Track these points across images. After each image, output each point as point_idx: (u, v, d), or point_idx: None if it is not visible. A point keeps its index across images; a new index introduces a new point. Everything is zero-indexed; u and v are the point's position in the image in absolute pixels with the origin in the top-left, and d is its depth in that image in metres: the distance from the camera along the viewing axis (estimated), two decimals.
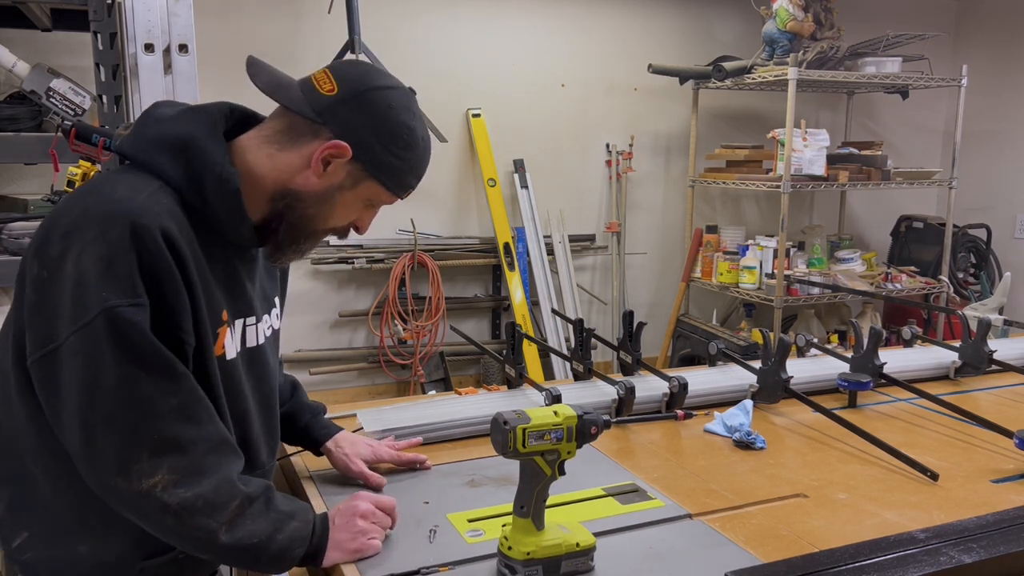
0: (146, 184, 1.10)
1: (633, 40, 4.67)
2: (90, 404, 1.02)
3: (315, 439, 1.48)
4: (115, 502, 1.07)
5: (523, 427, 1.08)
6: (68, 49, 3.35)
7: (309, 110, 1.15)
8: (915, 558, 1.16)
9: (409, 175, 1.22)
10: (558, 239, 4.55)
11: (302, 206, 1.18)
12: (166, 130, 1.14)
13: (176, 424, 1.05)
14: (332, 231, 1.24)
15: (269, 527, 1.11)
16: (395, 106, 1.17)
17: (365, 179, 1.18)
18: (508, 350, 1.85)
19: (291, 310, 4.13)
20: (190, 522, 1.05)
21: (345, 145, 1.14)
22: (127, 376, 1.02)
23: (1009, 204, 5.09)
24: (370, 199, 1.21)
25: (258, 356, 1.27)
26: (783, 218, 4.04)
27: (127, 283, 1.02)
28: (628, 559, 1.18)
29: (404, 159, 1.18)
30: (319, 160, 1.15)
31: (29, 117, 2.41)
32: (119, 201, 1.06)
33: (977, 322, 2.15)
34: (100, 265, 1.02)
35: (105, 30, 2.09)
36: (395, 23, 4.16)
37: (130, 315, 1.02)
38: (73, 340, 1.02)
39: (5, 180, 3.45)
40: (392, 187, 1.21)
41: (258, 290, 1.28)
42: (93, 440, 1.03)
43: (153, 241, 1.04)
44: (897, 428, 1.76)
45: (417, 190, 1.27)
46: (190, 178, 1.11)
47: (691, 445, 1.65)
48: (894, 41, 4.22)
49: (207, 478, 1.07)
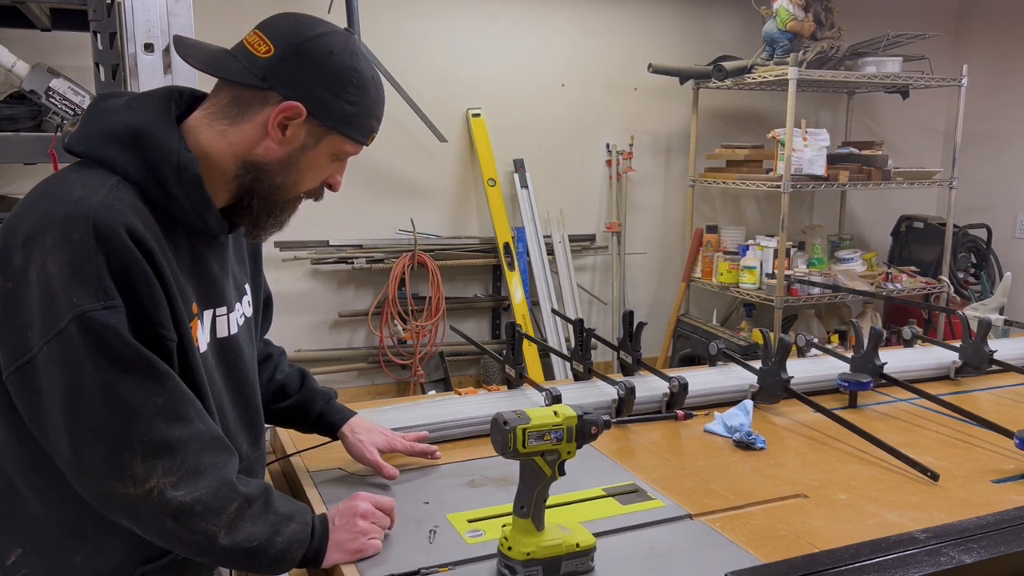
0: (103, 180, 1.05)
1: (633, 40, 4.67)
2: (74, 414, 0.99)
3: (331, 424, 1.47)
4: (110, 509, 1.05)
5: (523, 427, 1.08)
6: (68, 49, 3.35)
7: (252, 77, 1.10)
8: (915, 558, 1.16)
9: (368, 118, 1.18)
10: (558, 239, 4.55)
11: (269, 176, 1.15)
12: (113, 122, 1.09)
13: (163, 425, 1.03)
14: (306, 195, 1.21)
15: (268, 530, 1.10)
16: (336, 51, 1.12)
17: (326, 134, 1.15)
18: (508, 350, 1.85)
19: (291, 310, 4.13)
20: (189, 525, 1.04)
21: (297, 105, 1.10)
22: (108, 381, 0.99)
23: (1009, 204, 5.09)
24: (335, 153, 1.18)
25: (230, 345, 1.24)
26: (783, 218, 4.03)
27: (96, 286, 0.99)
28: (628, 559, 1.18)
29: (359, 104, 1.15)
30: (275, 126, 1.11)
31: (28, 117, 2.40)
32: (77, 202, 1.01)
33: (977, 322, 2.15)
34: (66, 271, 0.98)
35: (105, 30, 2.09)
36: (395, 23, 4.16)
37: (103, 318, 0.99)
38: (47, 350, 0.98)
39: (4, 180, 3.45)
40: (355, 135, 1.17)
41: (229, 278, 1.25)
42: (81, 449, 1.00)
43: (119, 240, 1.00)
44: (897, 428, 1.76)
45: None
46: (147, 170, 1.07)
47: (691, 445, 1.65)
48: (894, 41, 4.22)
49: (205, 478, 1.05)
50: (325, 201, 1.28)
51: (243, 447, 1.26)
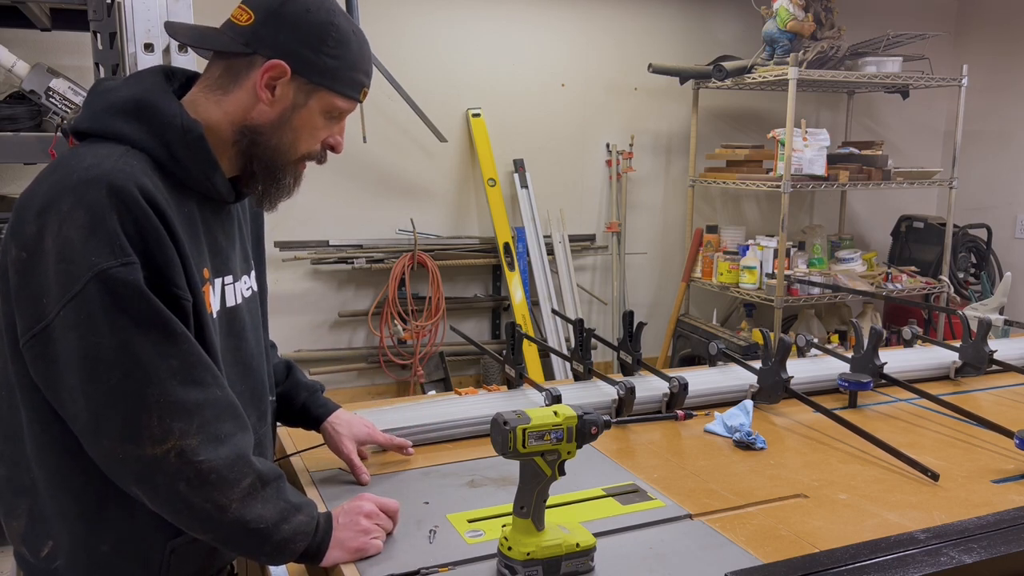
0: (112, 150, 1.08)
1: (633, 40, 4.67)
2: (90, 376, 1.01)
3: (314, 417, 1.47)
4: (124, 475, 1.05)
5: (523, 427, 1.08)
6: (68, 49, 3.35)
7: (237, 45, 1.14)
8: (916, 559, 1.16)
9: (354, 71, 1.19)
10: (558, 239, 4.55)
11: (265, 139, 1.17)
12: (115, 97, 1.13)
13: (179, 387, 1.04)
14: (307, 156, 1.22)
15: (276, 515, 1.10)
16: (312, 8, 1.15)
17: (314, 91, 1.17)
18: (508, 350, 1.85)
19: (291, 310, 4.13)
20: (201, 492, 1.04)
21: (280, 63, 1.13)
22: (124, 341, 1.01)
23: (1009, 204, 5.09)
24: (328, 110, 1.19)
25: (236, 316, 1.25)
26: (783, 218, 4.03)
27: (113, 244, 1.01)
28: (628, 559, 1.18)
29: (341, 57, 1.17)
30: (263, 87, 1.14)
31: (28, 117, 2.41)
32: (89, 168, 1.04)
33: (977, 322, 2.15)
34: (83, 232, 1.00)
35: (105, 30, 2.09)
36: (395, 23, 4.16)
37: (122, 275, 1.00)
38: (64, 315, 1.00)
39: (4, 180, 3.45)
40: (342, 89, 1.18)
41: (236, 249, 1.27)
42: (99, 412, 1.01)
43: (133, 199, 1.02)
44: (897, 428, 1.76)
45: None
46: (153, 136, 1.10)
47: (691, 445, 1.65)
48: (894, 41, 4.22)
49: (224, 447, 1.06)
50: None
51: (251, 421, 1.26)
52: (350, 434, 1.45)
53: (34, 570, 1.15)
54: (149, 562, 1.14)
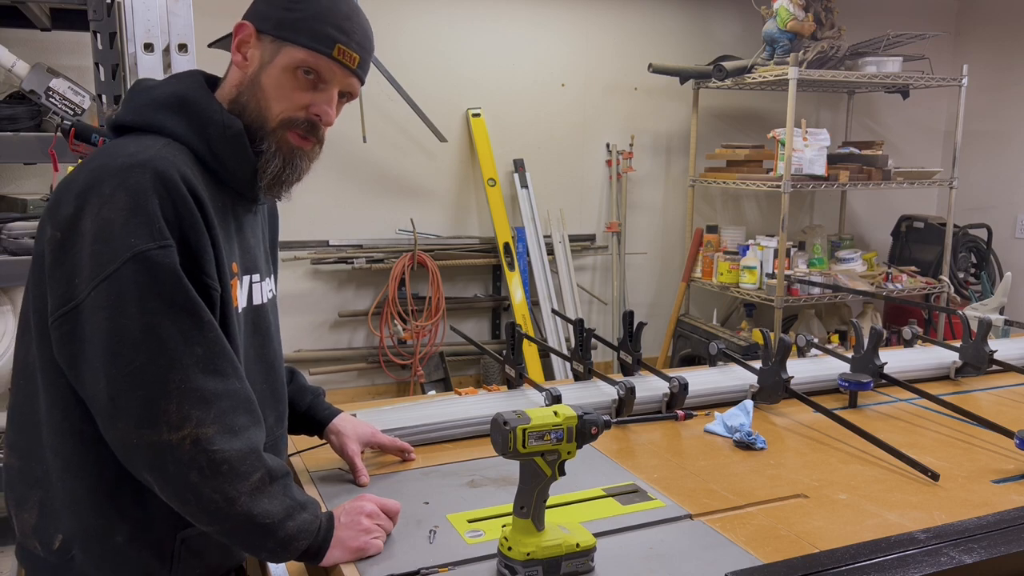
0: (153, 141, 1.10)
1: (633, 40, 4.67)
2: (114, 358, 1.01)
3: (319, 420, 1.47)
4: (136, 460, 1.05)
5: (523, 427, 1.08)
6: (68, 49, 3.35)
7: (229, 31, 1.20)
8: (916, 559, 1.16)
9: (319, 23, 1.15)
10: (558, 239, 4.55)
11: (243, 107, 1.17)
12: (157, 94, 1.16)
13: (200, 376, 1.04)
14: (289, 123, 1.17)
15: (283, 512, 1.10)
16: None
17: (280, 47, 1.16)
18: (508, 350, 1.85)
19: (291, 310, 4.13)
20: (211, 482, 1.04)
21: (245, 23, 1.17)
22: (153, 325, 1.02)
23: (1009, 204, 5.09)
24: (295, 65, 1.15)
25: (262, 315, 1.27)
26: (783, 218, 4.03)
27: (153, 226, 1.03)
28: (628, 560, 1.18)
29: (304, 9, 1.16)
30: (236, 52, 1.18)
31: (28, 117, 2.40)
32: (133, 154, 1.06)
33: (978, 322, 2.15)
34: (123, 214, 1.02)
35: (105, 30, 2.09)
36: (395, 23, 4.16)
37: (159, 257, 1.02)
38: (95, 295, 1.01)
39: (4, 180, 3.45)
40: (307, 42, 1.15)
41: (261, 250, 1.29)
42: (118, 394, 1.02)
43: (174, 185, 1.05)
44: (898, 428, 1.76)
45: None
46: (194, 130, 1.13)
47: (691, 445, 1.65)
48: (895, 41, 4.22)
49: (239, 439, 1.06)
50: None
51: (269, 421, 1.27)
52: (355, 435, 1.46)
53: (43, 564, 1.15)
54: (162, 553, 1.14)
